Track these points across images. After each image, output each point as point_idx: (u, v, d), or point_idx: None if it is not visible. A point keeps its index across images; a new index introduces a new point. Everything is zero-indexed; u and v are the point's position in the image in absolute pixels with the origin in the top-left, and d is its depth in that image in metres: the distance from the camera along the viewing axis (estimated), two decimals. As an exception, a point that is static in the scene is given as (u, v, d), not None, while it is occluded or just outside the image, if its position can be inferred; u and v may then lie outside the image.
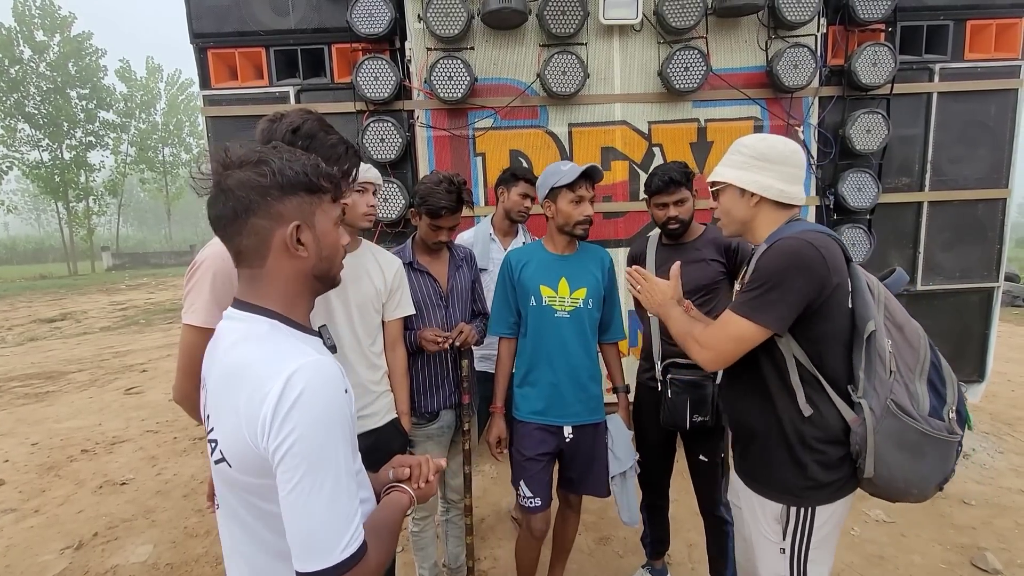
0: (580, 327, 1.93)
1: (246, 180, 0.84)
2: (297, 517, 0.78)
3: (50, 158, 25.32)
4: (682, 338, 1.43)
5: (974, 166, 3.25)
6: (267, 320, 0.87)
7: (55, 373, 6.65)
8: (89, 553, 2.80)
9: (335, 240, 0.95)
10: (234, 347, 0.86)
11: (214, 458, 0.87)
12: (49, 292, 16.88)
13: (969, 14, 3.11)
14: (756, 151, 1.37)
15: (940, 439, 1.23)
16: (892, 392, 1.23)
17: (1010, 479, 3.26)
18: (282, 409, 0.77)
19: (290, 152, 0.90)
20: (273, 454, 0.78)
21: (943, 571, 2.45)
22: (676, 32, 2.94)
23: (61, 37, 24.55)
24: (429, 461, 1.10)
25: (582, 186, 1.84)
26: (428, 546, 2.22)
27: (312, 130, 1.32)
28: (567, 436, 1.94)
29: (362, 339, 1.73)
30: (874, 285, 1.30)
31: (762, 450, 1.37)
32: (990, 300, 3.39)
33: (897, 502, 1.37)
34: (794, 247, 1.25)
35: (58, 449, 4.19)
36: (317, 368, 0.82)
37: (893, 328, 1.27)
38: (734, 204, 1.42)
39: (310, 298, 0.96)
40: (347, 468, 0.82)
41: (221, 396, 0.86)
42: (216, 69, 3.05)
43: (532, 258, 1.97)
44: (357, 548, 0.80)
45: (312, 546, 0.77)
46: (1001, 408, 4.40)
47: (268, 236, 0.86)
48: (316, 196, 0.90)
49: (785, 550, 1.34)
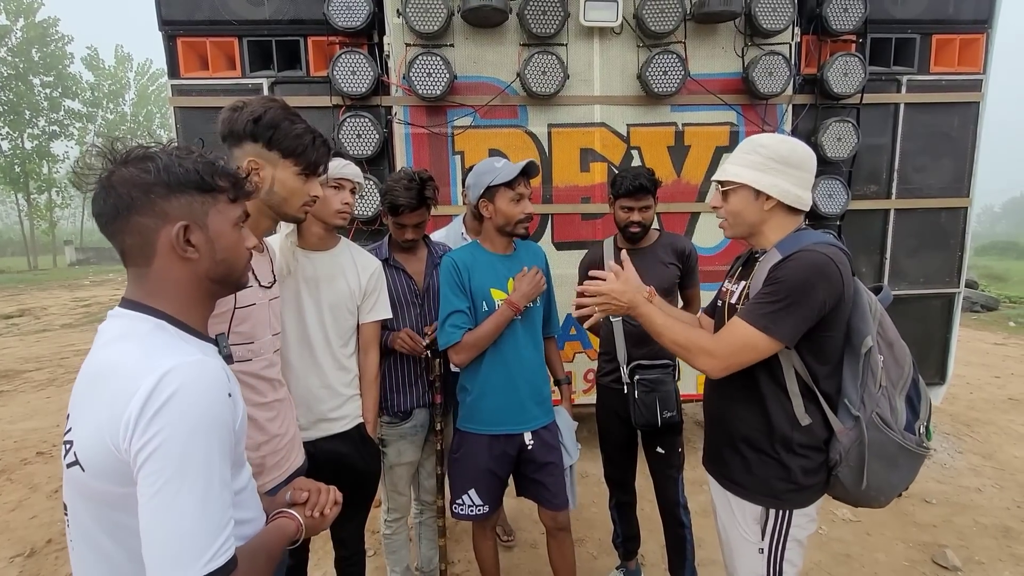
0: (532, 327, 1.89)
1: (129, 177, 0.80)
2: (156, 525, 0.70)
3: (10, 147, 24.30)
4: (683, 346, 1.35)
5: (938, 175, 3.36)
6: (152, 319, 0.82)
7: (10, 372, 6.35)
8: (42, 561, 2.67)
9: (233, 242, 0.89)
10: (108, 344, 0.80)
11: (66, 461, 0.79)
12: (6, 287, 16.16)
13: (935, 28, 3.21)
14: (777, 153, 1.31)
15: (913, 451, 1.30)
16: (878, 406, 1.28)
17: (969, 478, 3.38)
18: (150, 408, 0.70)
19: (183, 149, 0.85)
20: (136, 456, 0.70)
21: (906, 568, 2.52)
22: (655, 36, 2.97)
23: (26, 22, 23.58)
24: (331, 492, 1.03)
25: (521, 183, 1.76)
26: (401, 549, 2.18)
27: (275, 119, 1.26)
28: (528, 443, 1.85)
29: (332, 340, 1.68)
30: (872, 302, 1.32)
31: (748, 454, 1.39)
32: (951, 305, 3.51)
33: (860, 507, 1.42)
34: (819, 262, 1.23)
35: (11, 452, 3.99)
36: (197, 368, 0.76)
37: (884, 345, 1.31)
38: (746, 206, 1.36)
39: (207, 301, 0.91)
40: (221, 478, 0.75)
41: (85, 394, 0.79)
42: (186, 58, 2.95)
43: (476, 261, 1.85)
44: (224, 562, 0.72)
45: (170, 557, 0.69)
46: (960, 410, 4.57)
47: (152, 235, 0.82)
48: (209, 195, 0.86)
49: (764, 550, 1.37)
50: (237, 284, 0.94)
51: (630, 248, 2.16)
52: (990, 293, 10.79)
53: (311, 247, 1.68)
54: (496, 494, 1.92)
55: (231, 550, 0.74)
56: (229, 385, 0.81)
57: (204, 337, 0.89)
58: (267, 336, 1.36)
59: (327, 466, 1.60)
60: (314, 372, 1.65)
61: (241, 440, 0.87)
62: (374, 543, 2.58)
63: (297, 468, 1.45)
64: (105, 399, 0.74)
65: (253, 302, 1.31)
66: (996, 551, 2.64)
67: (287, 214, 1.35)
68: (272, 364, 1.39)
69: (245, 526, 0.87)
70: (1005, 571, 2.50)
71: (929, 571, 2.50)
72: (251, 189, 0.96)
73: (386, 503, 2.12)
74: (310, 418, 1.64)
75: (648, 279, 2.10)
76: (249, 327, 1.29)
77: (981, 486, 3.28)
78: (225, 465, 0.76)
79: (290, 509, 0.98)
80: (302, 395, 1.62)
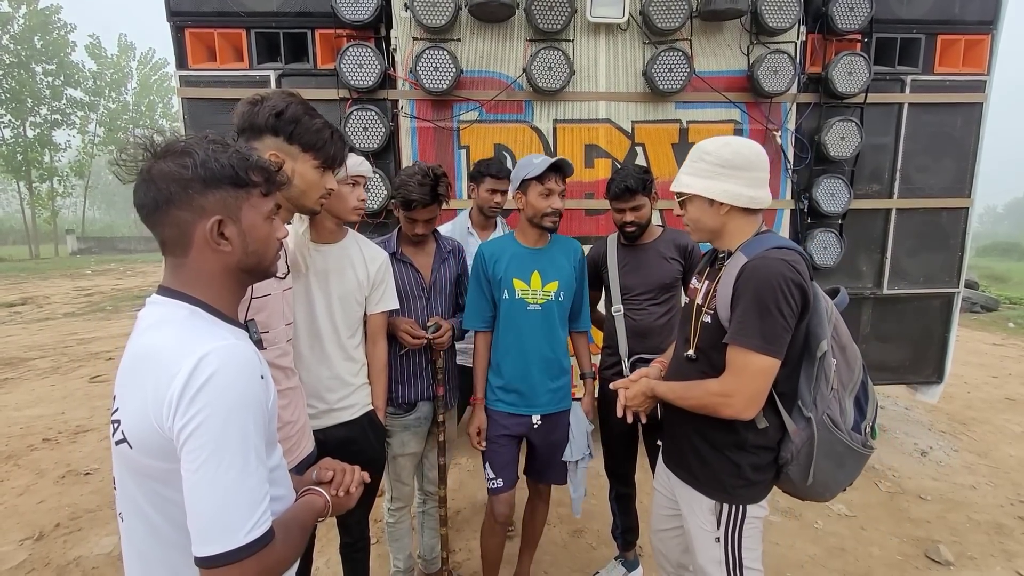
0: (550, 320, 1.97)
1: (168, 171, 0.83)
2: (199, 498, 0.74)
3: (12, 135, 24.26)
4: (701, 406, 1.36)
5: (940, 176, 3.38)
6: (188, 306, 0.86)
7: (15, 359, 6.39)
8: (50, 544, 2.72)
9: (265, 234, 0.92)
10: (149, 329, 0.84)
11: (115, 439, 0.83)
12: (9, 276, 16.18)
13: (940, 29, 3.21)
14: (721, 158, 1.34)
15: (858, 451, 1.36)
16: (829, 407, 1.33)
17: (963, 476, 3.42)
18: (191, 389, 0.75)
19: (219, 144, 0.87)
20: (179, 435, 0.75)
21: (899, 562, 2.57)
22: (661, 33, 2.98)
23: (28, 9, 23.47)
24: (355, 472, 1.07)
25: (551, 179, 1.86)
26: (403, 537, 2.22)
27: (296, 114, 1.28)
28: (535, 423, 1.99)
29: (341, 331, 1.71)
30: (829, 306, 1.35)
31: (704, 451, 1.44)
32: (951, 305, 3.53)
33: (805, 500, 1.50)
34: (780, 272, 1.25)
35: (17, 438, 4.04)
36: (232, 351, 0.80)
37: (837, 348, 1.34)
38: (703, 214, 1.40)
39: (238, 289, 0.94)
40: (258, 455, 0.79)
41: (130, 376, 0.83)
42: (194, 49, 2.96)
43: (504, 252, 1.97)
44: (263, 533, 0.76)
45: (214, 528, 0.74)
46: (957, 409, 4.61)
47: (189, 228, 0.85)
48: (243, 190, 0.88)
49: (720, 539, 1.43)
50: (267, 273, 0.97)
51: (631, 245, 2.18)
52: (990, 294, 10.80)
53: (321, 240, 1.71)
54: (508, 471, 2.01)
55: (268, 522, 0.78)
56: (261, 367, 0.85)
57: (235, 323, 0.92)
58: (281, 326, 1.39)
59: (336, 453, 1.63)
60: (323, 363, 1.68)
61: (273, 419, 0.91)
62: (376, 531, 2.62)
63: (307, 455, 1.49)
64: (149, 381, 0.78)
65: (268, 292, 1.34)
66: (988, 547, 2.68)
67: (304, 206, 1.37)
68: (285, 353, 1.42)
69: (278, 502, 0.90)
70: (996, 566, 2.54)
71: (922, 565, 2.54)
72: (284, 181, 0.98)
73: (389, 492, 2.16)
74: (320, 407, 1.68)
75: (649, 275, 2.14)
76: (264, 316, 1.32)
77: (976, 484, 3.32)
78: (260, 442, 0.80)
79: (317, 487, 1.02)
80: (312, 385, 1.65)
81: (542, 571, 2.49)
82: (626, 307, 2.16)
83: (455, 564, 2.51)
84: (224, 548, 0.73)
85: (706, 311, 1.41)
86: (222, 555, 0.73)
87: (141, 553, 0.87)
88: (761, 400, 1.30)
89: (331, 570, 2.44)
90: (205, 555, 0.73)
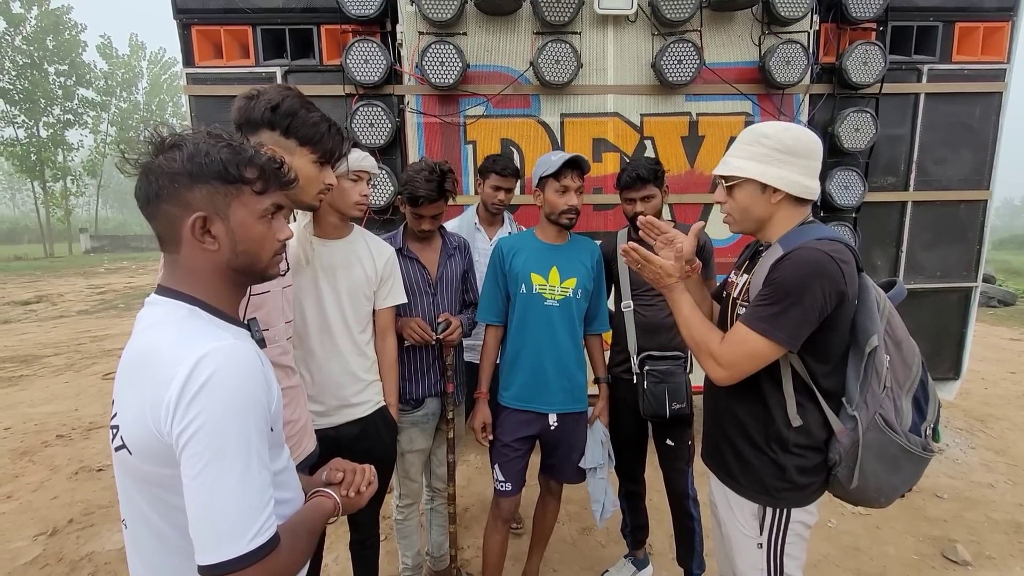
0: (568, 316, 1.94)
1: (160, 165, 0.81)
2: (201, 505, 0.72)
3: (26, 135, 24.59)
4: (695, 344, 1.35)
5: (957, 167, 3.30)
6: (186, 306, 0.84)
7: (30, 357, 6.49)
8: (64, 539, 2.75)
9: (257, 234, 0.88)
10: (147, 331, 0.83)
11: (115, 445, 0.81)
12: (24, 274, 16.44)
13: (958, 16, 3.13)
14: (782, 144, 1.25)
15: (916, 455, 1.26)
16: (881, 407, 1.24)
17: (981, 474, 3.36)
18: (188, 392, 0.72)
19: (215, 138, 0.85)
20: (178, 439, 0.73)
21: (915, 562, 2.52)
22: (670, 24, 2.92)
23: (39, 10, 23.74)
24: (366, 472, 1.05)
25: (568, 176, 1.85)
26: (412, 534, 2.21)
27: (293, 107, 1.26)
28: (552, 424, 1.96)
29: (352, 326, 1.70)
30: (881, 299, 1.27)
31: (744, 450, 1.38)
32: (968, 300, 3.46)
33: (860, 506, 1.41)
34: (816, 260, 1.19)
35: (32, 434, 4.10)
36: (231, 352, 0.77)
37: (891, 344, 1.26)
38: (754, 201, 1.30)
39: (235, 288, 0.91)
40: (260, 458, 0.76)
41: (127, 380, 0.81)
42: (200, 47, 2.96)
43: (524, 246, 1.97)
44: (268, 539, 0.74)
45: (215, 535, 0.72)
46: (974, 405, 4.52)
47: (178, 224, 0.83)
48: (232, 186, 0.84)
49: (762, 545, 1.36)
50: (263, 274, 0.94)
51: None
52: (1007, 288, 10.61)
53: (326, 235, 1.70)
54: (517, 475, 1.99)
55: (273, 528, 0.76)
56: (262, 368, 0.83)
57: (236, 322, 0.90)
58: (281, 324, 1.38)
59: (348, 450, 1.63)
60: (335, 359, 1.67)
61: (278, 421, 0.89)
62: (385, 528, 2.62)
63: (308, 454, 1.47)
64: (146, 385, 0.76)
65: (268, 289, 1.32)
66: (1007, 547, 2.63)
67: (303, 202, 1.36)
68: (286, 351, 1.41)
69: (285, 506, 0.89)
70: (1016, 566, 2.49)
71: (939, 565, 2.50)
72: (287, 179, 0.93)
73: (398, 489, 2.15)
74: (333, 404, 1.67)
75: None
76: (264, 314, 1.31)
77: (993, 482, 3.26)
78: (263, 445, 0.78)
79: (327, 488, 1.00)
80: (324, 382, 1.65)
81: (551, 569, 2.48)
82: (636, 303, 2.13)
83: (463, 561, 2.50)
84: (227, 556, 0.71)
85: (741, 304, 1.36)
86: (225, 563, 0.71)
87: (147, 560, 0.85)
88: (744, 377, 1.28)
89: (340, 567, 2.45)
90: (208, 563, 0.72)
